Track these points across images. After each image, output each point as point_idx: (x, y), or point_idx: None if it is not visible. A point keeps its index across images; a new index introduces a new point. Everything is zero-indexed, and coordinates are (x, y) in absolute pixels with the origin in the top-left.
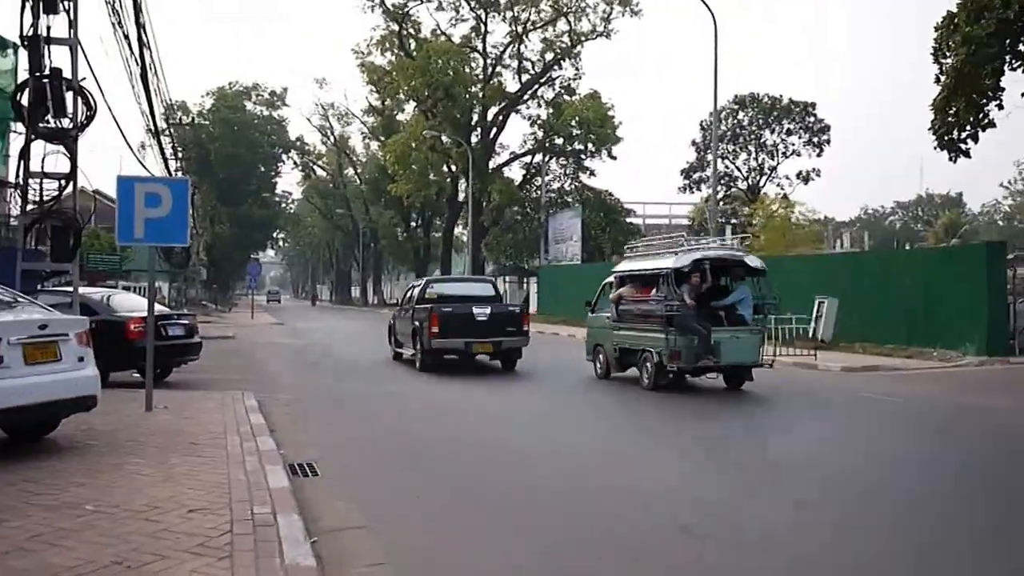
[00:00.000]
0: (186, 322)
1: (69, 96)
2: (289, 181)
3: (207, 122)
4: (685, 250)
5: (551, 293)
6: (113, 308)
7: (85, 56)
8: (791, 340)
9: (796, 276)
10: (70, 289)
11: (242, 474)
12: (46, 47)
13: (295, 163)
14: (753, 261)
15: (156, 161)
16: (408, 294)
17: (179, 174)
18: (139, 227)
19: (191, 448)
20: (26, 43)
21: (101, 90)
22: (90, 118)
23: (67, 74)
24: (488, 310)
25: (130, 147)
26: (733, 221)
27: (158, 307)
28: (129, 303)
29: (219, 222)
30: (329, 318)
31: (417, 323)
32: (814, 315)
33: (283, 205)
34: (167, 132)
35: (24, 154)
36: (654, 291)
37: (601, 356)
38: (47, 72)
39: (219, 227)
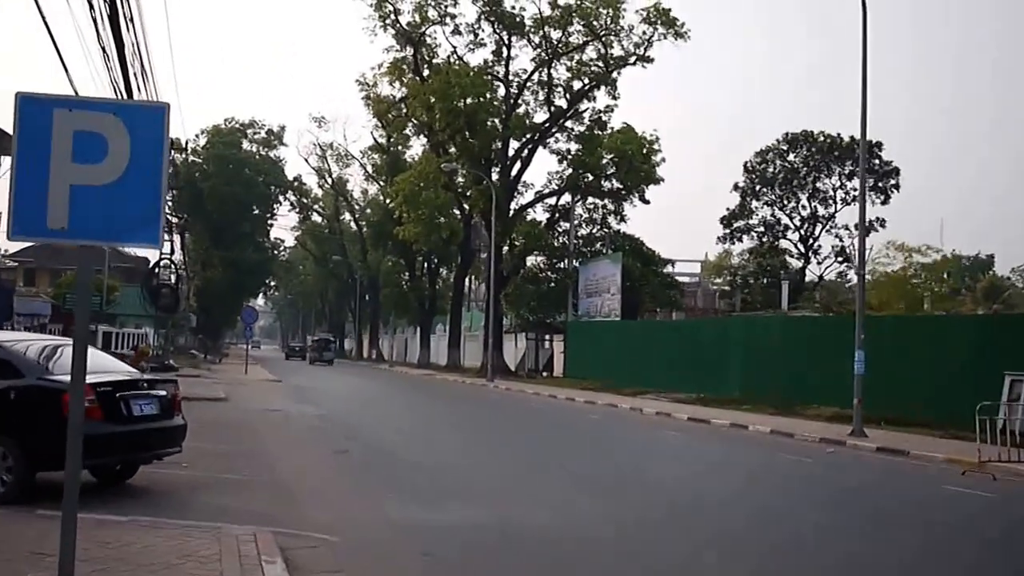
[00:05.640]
0: (162, 393)
1: None
2: (282, 227)
3: (200, 160)
4: (321, 333)
5: (582, 354)
6: (50, 369)
7: None
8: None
9: (938, 342)
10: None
11: None
12: None
13: (292, 204)
14: (331, 337)
15: None
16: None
17: (171, 216)
18: (59, 204)
19: None
20: None
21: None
22: None
23: None
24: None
25: None
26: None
27: (122, 368)
28: None
29: (211, 266)
30: (330, 375)
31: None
32: (1005, 398)
33: (276, 252)
34: None
35: None
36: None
37: (308, 358)
38: None
39: (211, 271)
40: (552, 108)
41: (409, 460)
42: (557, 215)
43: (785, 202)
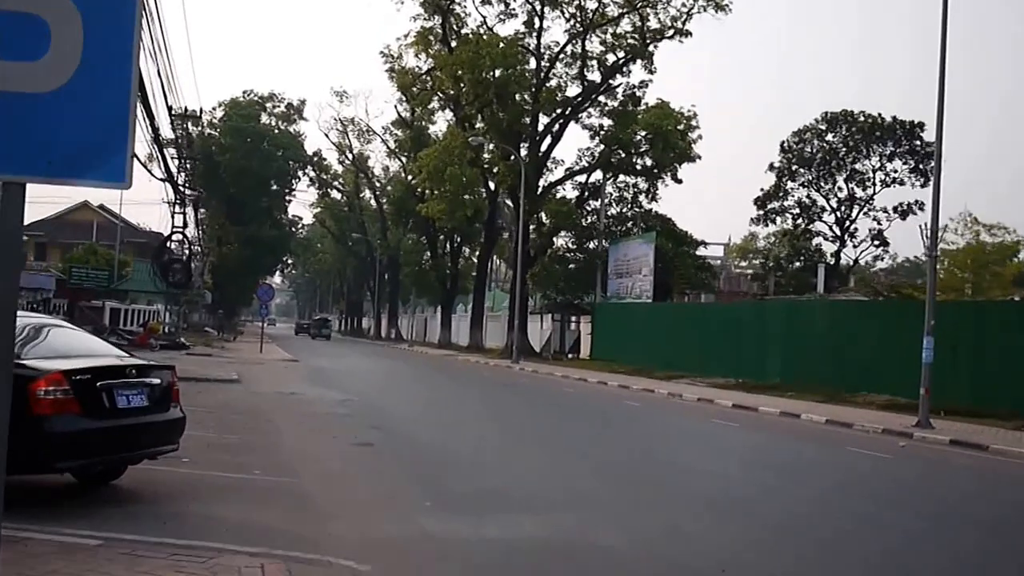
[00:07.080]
0: (155, 382)
1: None
2: (301, 203)
3: (216, 132)
4: (318, 315)
5: (610, 336)
6: (24, 353)
7: None
8: None
9: (1005, 330)
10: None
11: None
12: None
13: (311, 180)
14: (329, 316)
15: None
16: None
17: (185, 188)
18: None
19: None
20: None
21: None
22: None
23: None
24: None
25: (135, 156)
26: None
27: (110, 351)
28: (65, 343)
29: (227, 242)
30: (348, 354)
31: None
32: None
33: (293, 229)
34: (176, 142)
35: None
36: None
37: (307, 333)
38: None
39: (227, 247)
40: (585, 82)
41: (443, 455)
42: (587, 193)
43: (822, 183)
